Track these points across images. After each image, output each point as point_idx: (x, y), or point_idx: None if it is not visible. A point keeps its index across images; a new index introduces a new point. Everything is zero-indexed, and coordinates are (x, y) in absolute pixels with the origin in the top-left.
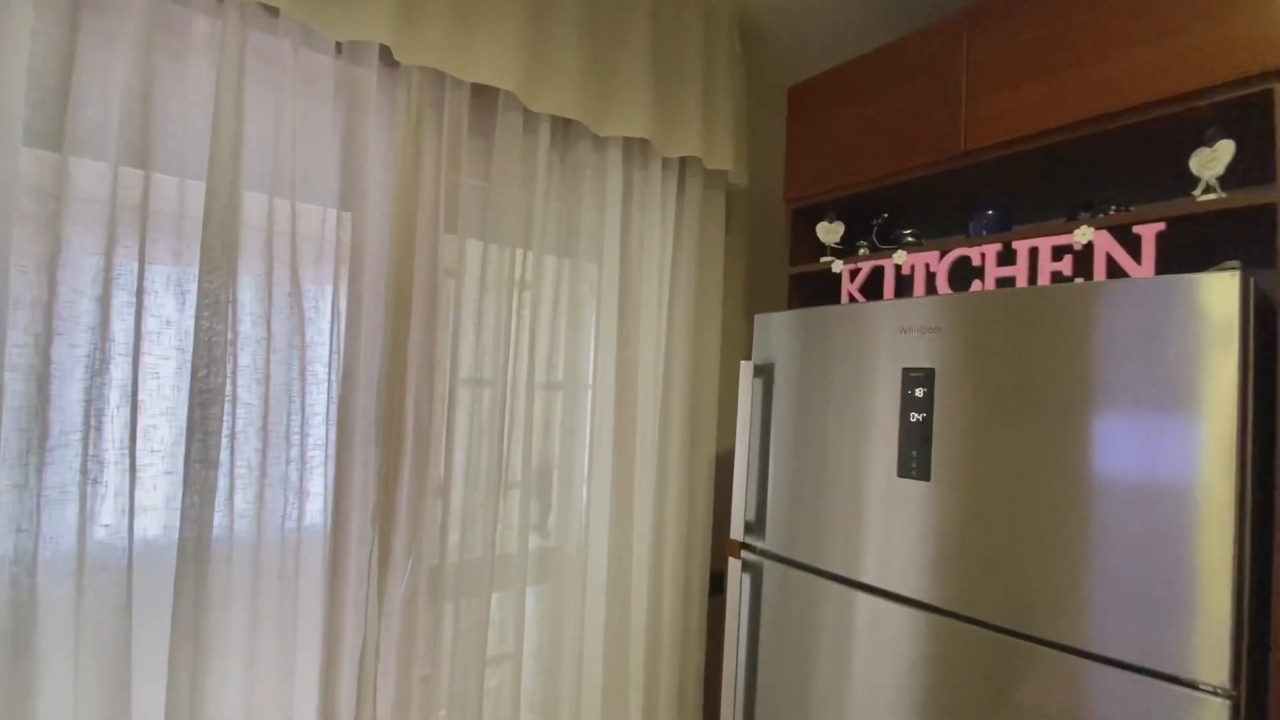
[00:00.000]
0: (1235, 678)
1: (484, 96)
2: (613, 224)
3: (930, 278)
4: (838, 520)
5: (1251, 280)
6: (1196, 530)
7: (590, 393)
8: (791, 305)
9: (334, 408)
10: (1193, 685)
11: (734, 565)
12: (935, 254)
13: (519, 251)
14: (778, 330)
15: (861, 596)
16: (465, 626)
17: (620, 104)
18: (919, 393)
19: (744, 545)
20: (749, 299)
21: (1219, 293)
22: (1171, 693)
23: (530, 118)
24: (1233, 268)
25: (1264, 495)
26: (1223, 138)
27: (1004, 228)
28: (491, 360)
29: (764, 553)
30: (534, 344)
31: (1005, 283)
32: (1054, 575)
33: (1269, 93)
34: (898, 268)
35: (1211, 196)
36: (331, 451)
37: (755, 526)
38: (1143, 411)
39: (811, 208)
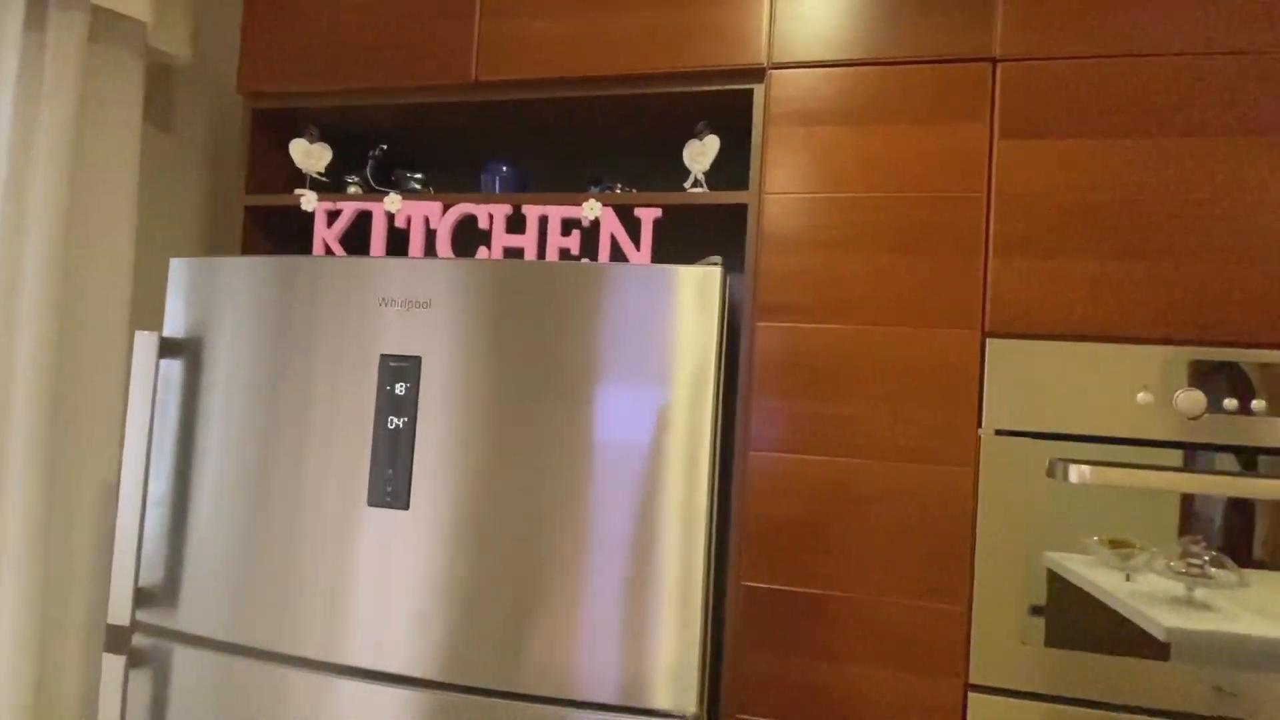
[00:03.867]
0: (701, 700)
1: None
2: None
3: (430, 236)
4: (285, 573)
5: (728, 276)
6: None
7: None
8: (249, 251)
9: None
10: (666, 715)
11: (112, 663)
12: (438, 207)
13: None
14: (204, 286)
15: (304, 677)
16: None
17: None
18: (401, 389)
19: (136, 626)
20: (206, 243)
21: (704, 284)
22: None
23: None
24: (715, 263)
25: (724, 486)
26: (711, 133)
27: (520, 187)
28: None
29: (175, 635)
30: None
31: (513, 253)
32: (550, 622)
33: (749, 94)
34: (390, 216)
35: (699, 190)
36: None
37: (164, 594)
38: (639, 407)
39: (286, 114)
